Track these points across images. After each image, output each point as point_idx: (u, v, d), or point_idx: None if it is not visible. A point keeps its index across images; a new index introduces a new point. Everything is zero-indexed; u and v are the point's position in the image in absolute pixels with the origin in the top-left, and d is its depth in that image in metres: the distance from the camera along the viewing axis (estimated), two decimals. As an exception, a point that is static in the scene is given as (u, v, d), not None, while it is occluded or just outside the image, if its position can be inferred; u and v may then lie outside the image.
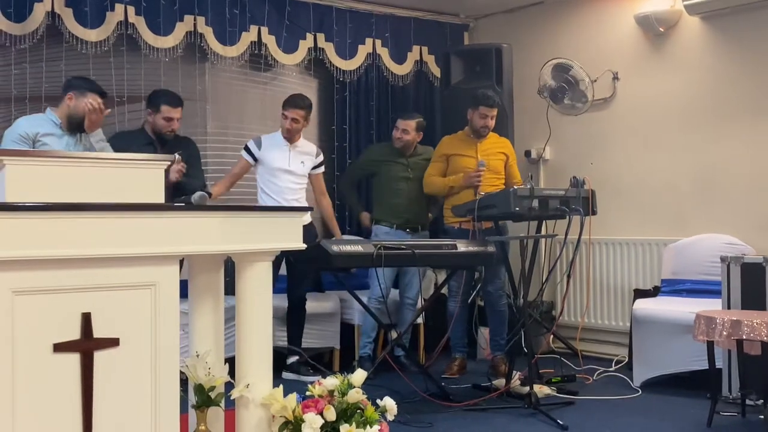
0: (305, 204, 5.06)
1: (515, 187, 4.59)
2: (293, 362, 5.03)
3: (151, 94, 4.69)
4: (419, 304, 5.31)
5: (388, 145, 5.50)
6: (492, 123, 5.09)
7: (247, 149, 5.03)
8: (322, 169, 5.25)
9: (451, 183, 5.07)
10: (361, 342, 5.32)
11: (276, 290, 4.85)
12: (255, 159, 5.00)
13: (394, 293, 5.38)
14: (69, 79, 4.23)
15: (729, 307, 4.26)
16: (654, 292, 5.22)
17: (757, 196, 5.02)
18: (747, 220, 5.02)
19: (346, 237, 5.53)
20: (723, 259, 4.35)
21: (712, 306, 4.29)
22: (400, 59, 6.25)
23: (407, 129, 5.33)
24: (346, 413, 2.88)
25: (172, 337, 2.58)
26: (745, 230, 4.96)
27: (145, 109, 4.70)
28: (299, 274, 5.04)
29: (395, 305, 5.27)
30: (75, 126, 4.05)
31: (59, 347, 2.36)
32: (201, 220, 2.65)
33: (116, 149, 4.23)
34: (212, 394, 2.81)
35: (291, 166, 5.00)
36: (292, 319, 5.07)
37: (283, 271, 5.10)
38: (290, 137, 5.01)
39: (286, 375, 4.95)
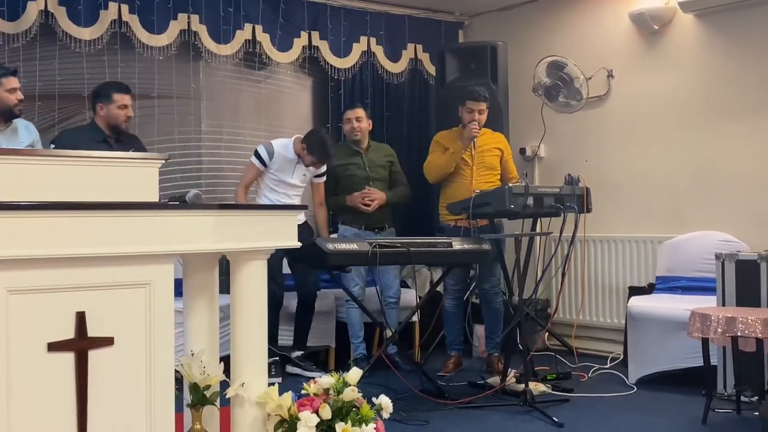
0: None
1: (510, 184, 4.59)
2: (296, 356, 5.07)
3: (96, 89, 4.57)
4: (411, 302, 5.32)
5: (341, 146, 5.39)
6: (481, 117, 5.03)
7: (258, 156, 4.98)
8: (323, 178, 5.23)
9: (452, 150, 5.02)
10: (352, 345, 5.31)
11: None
12: (264, 165, 4.99)
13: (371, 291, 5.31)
14: None
15: (724, 304, 4.27)
16: (649, 290, 5.23)
17: (752, 194, 5.03)
18: (742, 217, 5.03)
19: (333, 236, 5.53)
20: (717, 257, 4.36)
21: (706, 303, 4.30)
22: (394, 57, 6.24)
23: (360, 117, 5.26)
24: (342, 411, 2.88)
25: (166, 336, 2.57)
26: (740, 227, 4.97)
27: (90, 107, 4.59)
28: (305, 272, 5.07)
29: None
30: (11, 116, 4.07)
31: (54, 346, 2.35)
32: (195, 219, 2.64)
33: (64, 146, 4.06)
34: (207, 393, 2.80)
35: (293, 179, 5.02)
36: (300, 318, 5.12)
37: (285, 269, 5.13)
38: None
39: (290, 369, 5.00)
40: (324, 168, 5.18)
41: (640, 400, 4.38)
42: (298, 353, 5.09)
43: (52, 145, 4.35)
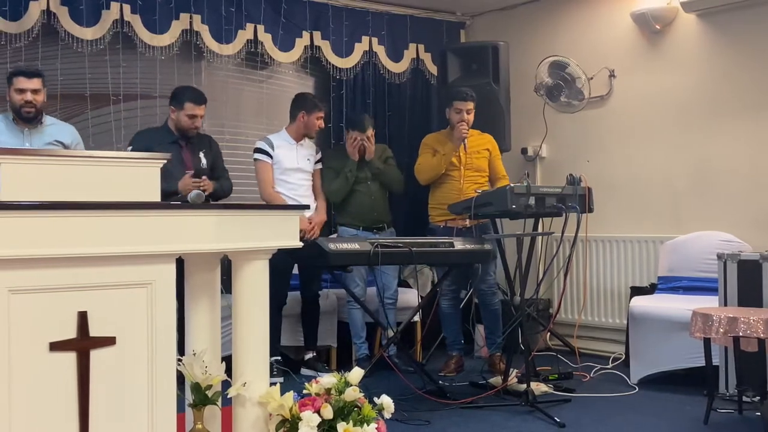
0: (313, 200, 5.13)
1: (499, 184, 4.58)
2: (310, 358, 5.10)
3: (175, 91, 4.73)
4: (412, 303, 5.31)
5: (342, 148, 5.32)
6: (469, 117, 5.01)
7: (262, 151, 5.02)
8: (320, 165, 5.25)
9: (443, 152, 5.01)
10: (354, 345, 5.29)
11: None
12: (270, 157, 5.02)
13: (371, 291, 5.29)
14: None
15: (725, 304, 4.27)
16: (651, 290, 5.22)
17: (754, 193, 5.02)
18: (743, 216, 5.02)
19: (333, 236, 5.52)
20: (719, 256, 4.36)
21: (708, 303, 4.30)
22: (396, 57, 6.24)
23: (368, 136, 5.15)
24: (344, 411, 2.88)
25: (168, 335, 2.58)
26: (742, 227, 4.96)
27: (168, 106, 4.72)
28: (311, 273, 5.09)
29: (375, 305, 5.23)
30: (22, 117, 4.13)
31: (55, 346, 2.36)
32: (197, 219, 2.64)
33: (140, 147, 4.29)
34: (209, 393, 2.80)
35: (300, 164, 5.07)
36: (306, 318, 5.14)
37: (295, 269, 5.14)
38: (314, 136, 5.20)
39: (304, 371, 5.02)
40: (320, 154, 5.25)
41: (641, 401, 4.38)
42: (311, 355, 5.13)
43: (130, 147, 4.52)
